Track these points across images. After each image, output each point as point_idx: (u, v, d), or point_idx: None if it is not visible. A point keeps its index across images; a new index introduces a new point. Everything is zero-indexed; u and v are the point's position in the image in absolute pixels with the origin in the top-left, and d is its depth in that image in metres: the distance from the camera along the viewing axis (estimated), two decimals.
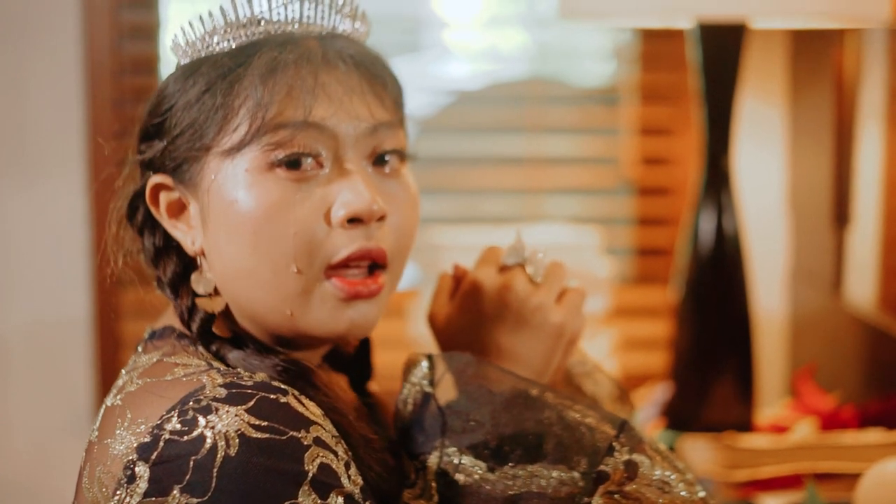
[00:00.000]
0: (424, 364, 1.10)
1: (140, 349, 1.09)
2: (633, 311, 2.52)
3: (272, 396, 0.95)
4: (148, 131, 1.11)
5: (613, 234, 2.55)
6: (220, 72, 1.06)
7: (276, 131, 1.03)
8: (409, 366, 1.11)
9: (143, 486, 0.92)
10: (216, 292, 1.09)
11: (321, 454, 0.93)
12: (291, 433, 0.93)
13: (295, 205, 1.03)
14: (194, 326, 1.06)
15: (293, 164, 1.03)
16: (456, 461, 1.04)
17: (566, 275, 1.22)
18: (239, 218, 1.03)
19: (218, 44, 1.08)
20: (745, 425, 1.92)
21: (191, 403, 0.94)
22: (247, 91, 1.04)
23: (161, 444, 0.92)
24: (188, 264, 1.10)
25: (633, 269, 2.60)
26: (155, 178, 1.09)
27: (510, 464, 1.03)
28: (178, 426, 0.93)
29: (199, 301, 1.07)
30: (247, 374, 1.00)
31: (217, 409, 0.92)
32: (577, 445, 1.04)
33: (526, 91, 2.60)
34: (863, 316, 2.09)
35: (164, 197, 1.09)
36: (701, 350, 1.95)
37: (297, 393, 0.98)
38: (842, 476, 1.67)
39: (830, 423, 1.91)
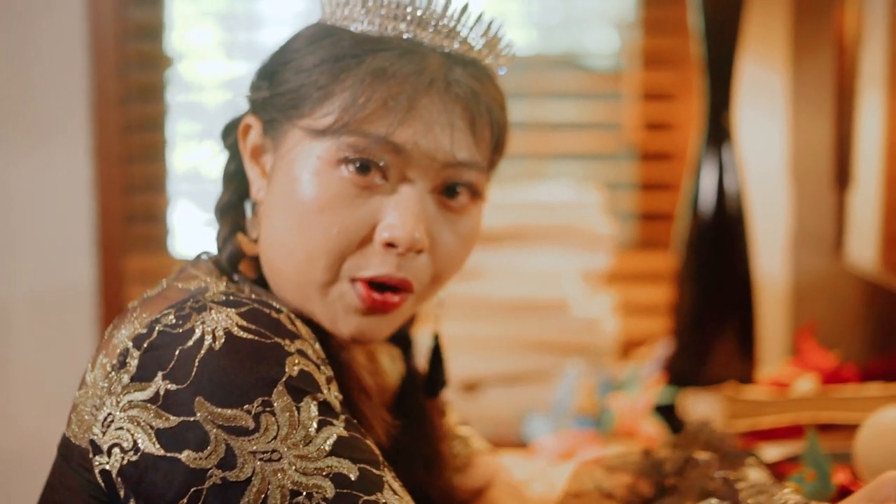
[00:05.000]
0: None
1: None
2: (635, 275, 2.52)
3: (266, 310, 0.99)
4: (263, 72, 1.14)
5: (616, 198, 2.55)
6: (339, 53, 1.08)
7: (356, 136, 1.05)
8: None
9: (131, 370, 0.97)
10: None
11: (303, 362, 0.97)
12: (276, 339, 0.97)
13: (347, 208, 1.06)
14: (224, 254, 1.11)
15: (361, 168, 1.06)
16: None
17: None
18: (295, 197, 1.07)
19: (354, 20, 1.10)
20: (747, 382, 1.92)
21: (189, 303, 0.99)
22: (350, 85, 1.06)
23: (154, 334, 0.98)
24: (243, 198, 1.16)
25: (635, 233, 2.61)
26: (250, 119, 1.14)
27: None
28: (173, 320, 0.98)
29: (241, 239, 1.12)
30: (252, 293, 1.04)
31: (211, 310, 0.97)
32: None
33: (528, 58, 2.61)
34: (864, 276, 2.10)
35: (251, 137, 1.14)
36: (702, 309, 1.96)
37: (292, 315, 1.02)
38: (842, 427, 1.68)
39: (831, 379, 1.91)
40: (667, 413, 1.89)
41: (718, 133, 1.91)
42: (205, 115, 2.64)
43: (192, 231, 2.65)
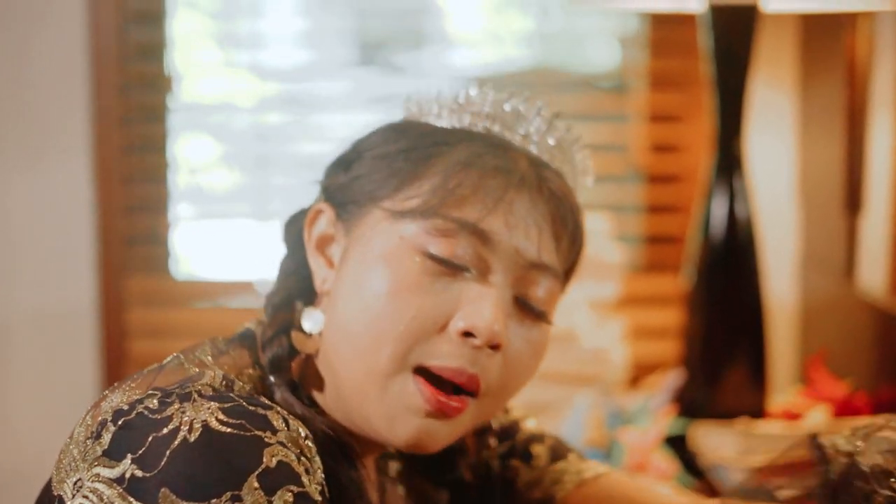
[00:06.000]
0: None
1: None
2: (644, 299, 2.50)
3: (252, 407, 0.95)
4: (339, 162, 1.12)
5: (623, 221, 2.53)
6: (425, 141, 1.06)
7: (444, 220, 1.03)
8: None
9: (104, 444, 0.94)
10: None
11: (282, 453, 0.92)
12: (257, 432, 0.92)
13: (425, 293, 1.02)
14: (268, 353, 1.06)
15: (443, 262, 1.03)
16: None
17: None
18: (371, 278, 1.03)
19: (442, 116, 1.09)
20: (758, 412, 1.91)
21: (177, 389, 0.96)
22: (439, 169, 1.04)
23: (133, 414, 0.95)
24: (296, 296, 1.11)
25: (643, 257, 2.58)
26: (322, 205, 1.11)
27: None
28: (155, 404, 0.94)
29: (296, 336, 1.07)
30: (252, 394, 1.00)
31: (195, 401, 0.94)
32: None
33: (533, 78, 2.58)
34: (875, 302, 2.08)
35: (320, 224, 1.11)
36: (713, 336, 1.94)
37: (285, 413, 0.97)
38: None
39: (843, 409, 1.89)
40: (678, 445, 1.86)
41: (729, 160, 1.89)
42: (206, 136, 2.62)
43: (193, 253, 2.63)
